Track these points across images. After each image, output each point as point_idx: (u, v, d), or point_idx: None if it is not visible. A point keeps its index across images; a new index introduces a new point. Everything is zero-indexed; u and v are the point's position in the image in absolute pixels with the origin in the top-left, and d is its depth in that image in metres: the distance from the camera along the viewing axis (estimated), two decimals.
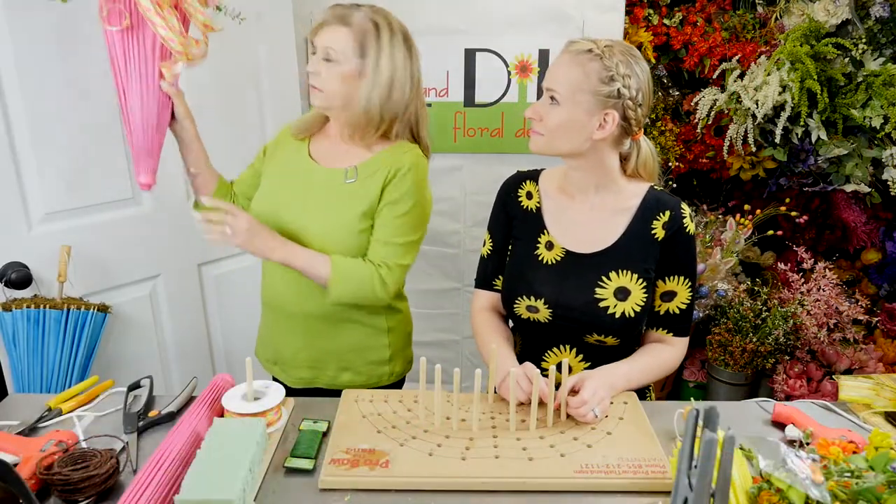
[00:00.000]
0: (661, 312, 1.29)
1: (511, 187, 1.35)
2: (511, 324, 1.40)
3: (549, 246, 1.29)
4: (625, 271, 1.24)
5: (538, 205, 1.32)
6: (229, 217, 1.24)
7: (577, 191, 1.28)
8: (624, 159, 1.28)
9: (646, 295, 1.24)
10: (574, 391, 1.17)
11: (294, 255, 1.30)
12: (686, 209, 1.27)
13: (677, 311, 1.28)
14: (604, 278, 1.24)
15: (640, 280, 1.24)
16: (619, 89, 1.15)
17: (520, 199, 1.33)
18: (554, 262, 1.28)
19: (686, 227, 1.25)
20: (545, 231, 1.30)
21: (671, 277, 1.27)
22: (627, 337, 1.27)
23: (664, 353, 1.29)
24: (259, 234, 1.27)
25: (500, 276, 1.36)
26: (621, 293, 1.23)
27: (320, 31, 1.28)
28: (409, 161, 1.33)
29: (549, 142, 1.20)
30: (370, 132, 1.33)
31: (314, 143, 1.42)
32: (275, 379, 1.49)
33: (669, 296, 1.28)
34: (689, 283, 1.27)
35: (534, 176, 1.34)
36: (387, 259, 1.32)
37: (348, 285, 1.30)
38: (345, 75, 1.28)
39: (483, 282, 1.39)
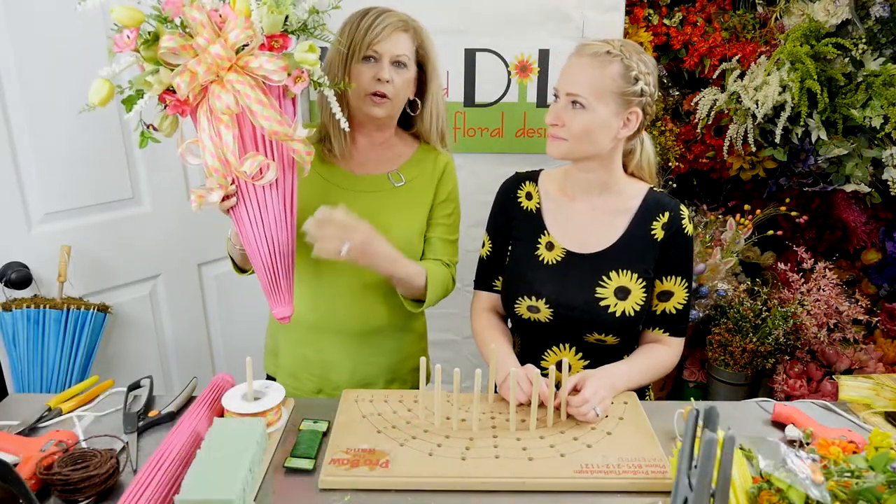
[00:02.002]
0: (658, 312, 1.29)
1: (510, 188, 1.35)
2: (510, 324, 1.40)
3: (550, 246, 1.29)
4: (625, 271, 1.24)
5: (538, 205, 1.32)
6: (346, 232, 1.15)
7: (580, 192, 1.29)
8: (627, 155, 1.28)
9: (645, 294, 1.25)
10: (575, 390, 1.17)
11: (401, 266, 1.25)
12: (685, 211, 1.27)
13: (674, 312, 1.29)
14: (604, 278, 1.24)
15: (640, 280, 1.24)
16: (642, 87, 1.17)
17: (519, 200, 1.33)
18: (554, 262, 1.28)
19: (685, 228, 1.26)
20: (545, 232, 1.30)
21: (668, 278, 1.27)
22: (627, 336, 1.28)
23: (662, 354, 1.29)
24: (374, 246, 1.20)
25: (500, 277, 1.36)
26: (622, 292, 1.24)
27: (386, 38, 1.23)
28: (445, 158, 1.39)
29: (573, 147, 1.19)
30: (433, 134, 1.37)
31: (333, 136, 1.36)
32: None
33: (666, 296, 1.28)
34: (686, 284, 1.28)
35: (533, 177, 1.34)
36: (452, 256, 1.38)
37: (437, 290, 1.32)
38: (410, 81, 1.29)
39: (483, 283, 1.39)
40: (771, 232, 2.35)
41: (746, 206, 2.33)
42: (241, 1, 0.99)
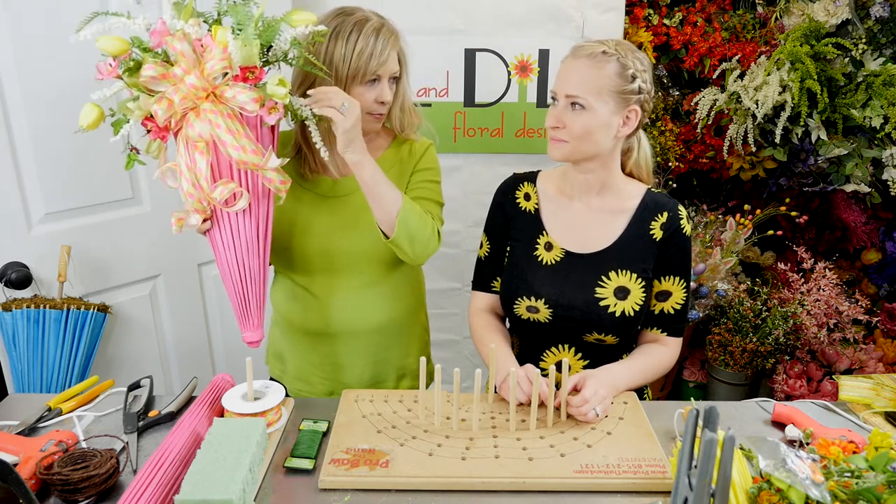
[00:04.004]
0: (656, 312, 1.29)
1: (508, 189, 1.35)
2: (509, 324, 1.40)
3: (549, 247, 1.29)
4: (624, 271, 1.24)
5: (537, 206, 1.32)
6: (348, 102, 1.12)
7: (579, 192, 1.29)
8: (624, 153, 1.29)
9: (644, 294, 1.25)
10: (575, 390, 1.17)
11: (375, 166, 1.19)
12: (683, 211, 1.27)
13: (672, 312, 1.29)
14: (604, 278, 1.24)
15: (639, 279, 1.24)
16: (639, 85, 1.17)
17: (518, 201, 1.33)
18: (553, 262, 1.28)
19: (683, 228, 1.26)
20: (544, 232, 1.30)
21: (667, 277, 1.27)
22: (626, 335, 1.28)
23: (661, 354, 1.29)
24: (359, 129, 1.16)
25: (498, 278, 1.36)
26: (621, 292, 1.24)
27: (389, 59, 1.23)
28: (425, 144, 1.38)
29: (575, 147, 1.19)
30: (405, 127, 1.35)
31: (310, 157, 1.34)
32: None
33: (664, 296, 1.28)
34: (684, 284, 1.28)
35: (531, 177, 1.34)
36: (433, 213, 1.32)
37: (413, 218, 1.22)
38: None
39: (481, 284, 1.39)
40: (771, 232, 2.35)
41: (746, 206, 2.33)
42: (220, 32, 1.01)
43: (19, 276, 1.50)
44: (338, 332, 1.37)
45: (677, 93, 2.33)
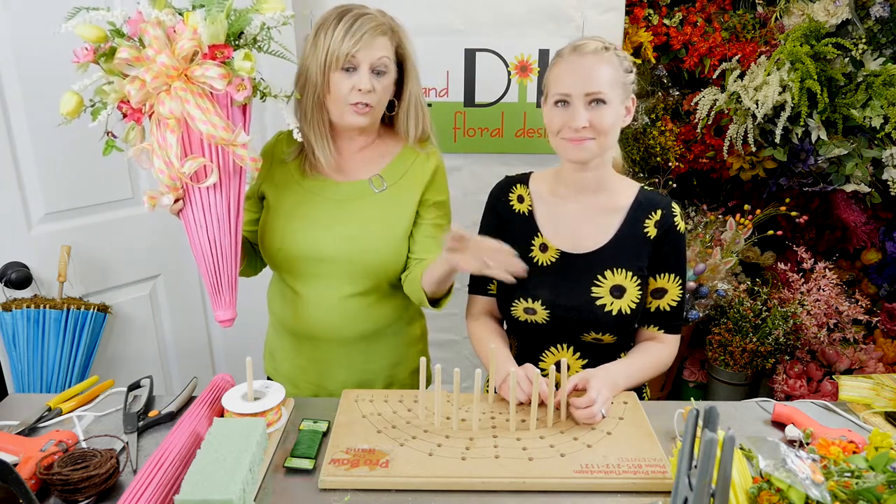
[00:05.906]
0: (653, 310, 1.30)
1: (502, 191, 1.35)
2: (506, 326, 1.40)
3: (544, 248, 1.29)
4: (619, 269, 1.24)
5: (530, 207, 1.32)
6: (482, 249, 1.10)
7: (574, 192, 1.29)
8: None
9: (640, 292, 1.25)
10: (576, 390, 1.17)
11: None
12: (677, 208, 1.28)
13: (668, 309, 1.29)
14: (599, 277, 1.24)
15: (635, 278, 1.24)
16: (633, 77, 1.22)
17: (511, 203, 1.33)
18: (549, 263, 1.28)
19: (677, 225, 1.26)
20: (539, 233, 1.30)
21: (662, 275, 1.28)
22: (624, 334, 1.28)
23: (659, 351, 1.30)
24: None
25: (494, 281, 1.36)
26: (617, 291, 1.24)
27: (365, 46, 1.18)
28: (437, 159, 1.36)
29: (601, 144, 1.20)
30: (411, 133, 1.32)
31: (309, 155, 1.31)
32: None
33: (660, 293, 1.29)
34: (680, 281, 1.28)
35: (523, 179, 1.34)
36: None
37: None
38: (391, 84, 1.26)
39: (477, 287, 1.39)
40: (771, 232, 2.35)
41: (746, 206, 2.33)
42: (191, 16, 1.05)
43: (19, 276, 1.50)
44: (323, 338, 1.35)
45: (677, 93, 2.33)
